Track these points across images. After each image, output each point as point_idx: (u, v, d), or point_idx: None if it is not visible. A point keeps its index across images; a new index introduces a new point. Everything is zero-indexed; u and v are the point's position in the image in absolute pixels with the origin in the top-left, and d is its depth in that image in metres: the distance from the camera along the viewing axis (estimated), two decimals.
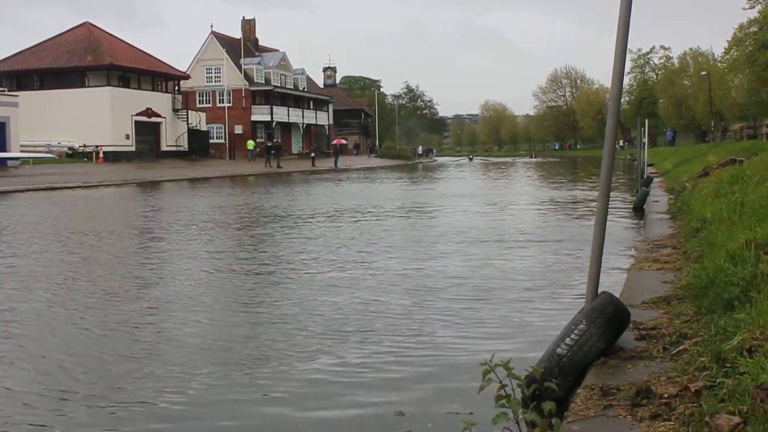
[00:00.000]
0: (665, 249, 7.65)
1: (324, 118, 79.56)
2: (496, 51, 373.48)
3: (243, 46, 67.26)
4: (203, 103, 65.77)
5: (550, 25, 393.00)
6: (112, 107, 48.64)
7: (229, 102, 63.94)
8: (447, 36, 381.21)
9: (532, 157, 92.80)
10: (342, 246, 10.80)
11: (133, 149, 50.45)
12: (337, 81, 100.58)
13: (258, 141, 62.33)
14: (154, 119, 52.80)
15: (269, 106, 66.74)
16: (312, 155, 56.00)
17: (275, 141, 57.24)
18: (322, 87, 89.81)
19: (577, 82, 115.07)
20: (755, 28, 39.81)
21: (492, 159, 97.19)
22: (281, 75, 71.40)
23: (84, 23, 55.20)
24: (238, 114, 64.60)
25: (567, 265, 8.63)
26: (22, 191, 25.85)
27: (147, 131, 52.57)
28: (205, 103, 65.82)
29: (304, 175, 42.07)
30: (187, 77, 59.96)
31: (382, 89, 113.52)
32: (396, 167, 58.78)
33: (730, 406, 2.72)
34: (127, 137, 50.32)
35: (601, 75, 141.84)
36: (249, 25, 73.98)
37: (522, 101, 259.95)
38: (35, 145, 44.20)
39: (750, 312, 3.62)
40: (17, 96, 42.46)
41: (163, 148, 53.84)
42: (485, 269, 8.51)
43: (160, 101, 54.15)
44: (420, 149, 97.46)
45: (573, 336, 3.70)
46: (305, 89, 76.68)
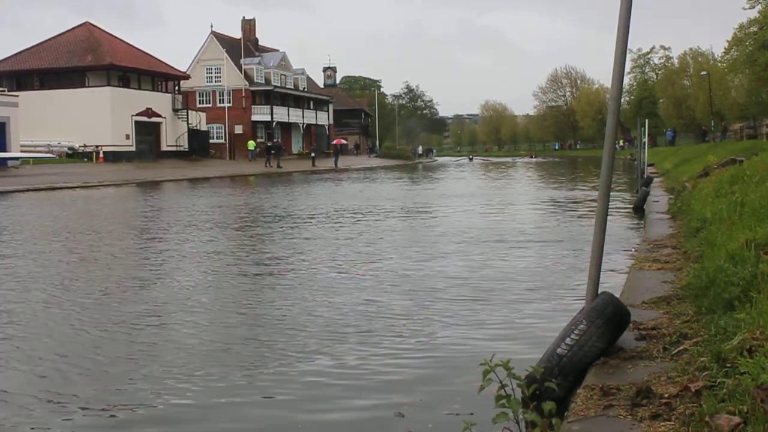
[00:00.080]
0: (665, 249, 7.64)
1: (324, 118, 79.58)
2: (496, 51, 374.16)
3: (243, 46, 67.29)
4: (203, 103, 65.79)
5: (550, 25, 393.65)
6: (112, 107, 48.67)
7: (229, 102, 63.97)
8: (447, 36, 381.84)
9: (532, 158, 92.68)
10: (342, 246, 10.79)
11: (133, 149, 50.48)
12: (337, 81, 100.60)
13: (258, 141, 62.34)
14: (154, 119, 52.83)
15: (269, 106, 66.77)
16: (312, 155, 56.02)
17: (275, 141, 57.24)
18: (322, 87, 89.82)
19: (577, 82, 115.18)
20: (755, 28, 39.80)
21: (492, 159, 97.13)
22: (281, 75, 71.41)
23: (84, 23, 55.25)
24: (238, 114, 64.62)
25: (567, 266, 8.62)
26: (22, 191, 25.85)
27: (147, 131, 52.59)
28: (205, 103, 65.84)
29: (304, 175, 42.07)
30: (187, 77, 60.00)
31: (382, 89, 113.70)
32: (396, 167, 58.79)
33: (730, 406, 2.72)
34: (127, 137, 50.35)
35: (601, 75, 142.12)
36: (249, 25, 74.03)
37: (522, 101, 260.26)
38: (35, 145, 44.23)
39: (750, 312, 3.62)
40: (17, 96, 42.49)
41: (163, 148, 53.87)
42: (485, 269, 8.51)
43: (160, 101, 54.17)
44: (420, 149, 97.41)
45: (573, 336, 3.69)
46: (305, 89, 76.70)
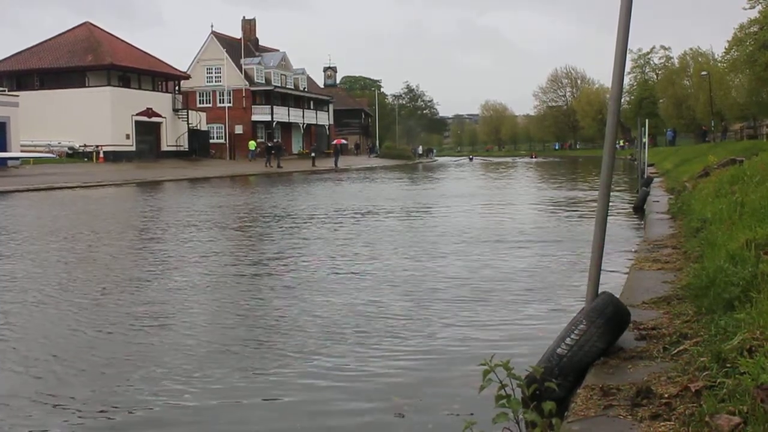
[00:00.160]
0: (665, 249, 7.64)
1: (324, 118, 79.57)
2: (495, 51, 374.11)
3: (243, 46, 67.28)
4: (203, 103, 65.76)
5: (550, 25, 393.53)
6: (112, 107, 48.66)
7: (230, 102, 63.96)
8: (447, 36, 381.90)
9: (533, 157, 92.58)
10: (341, 246, 10.78)
11: (134, 149, 50.47)
12: (338, 81, 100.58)
13: (258, 141, 62.32)
14: (154, 119, 52.82)
15: (269, 106, 66.74)
16: (312, 155, 56.02)
17: (275, 141, 57.21)
18: (322, 87, 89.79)
19: (578, 82, 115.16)
20: (755, 28, 39.73)
21: (492, 159, 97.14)
22: (281, 75, 71.41)
23: (84, 23, 55.23)
24: (238, 114, 64.61)
25: (567, 266, 8.62)
26: (22, 191, 25.84)
27: (147, 131, 52.59)
28: (206, 103, 65.82)
29: (304, 175, 42.06)
30: (188, 77, 59.99)
31: (382, 89, 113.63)
32: (396, 167, 58.78)
33: (730, 406, 2.71)
34: (128, 137, 50.34)
35: (602, 75, 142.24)
36: (249, 25, 74.00)
37: (522, 101, 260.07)
38: (35, 145, 44.24)
39: (750, 312, 3.61)
40: (17, 96, 42.49)
41: (164, 148, 53.86)
42: (485, 270, 8.50)
43: (160, 101, 54.16)
44: (420, 149, 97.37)
45: (573, 336, 3.69)
46: (305, 89, 76.68)
